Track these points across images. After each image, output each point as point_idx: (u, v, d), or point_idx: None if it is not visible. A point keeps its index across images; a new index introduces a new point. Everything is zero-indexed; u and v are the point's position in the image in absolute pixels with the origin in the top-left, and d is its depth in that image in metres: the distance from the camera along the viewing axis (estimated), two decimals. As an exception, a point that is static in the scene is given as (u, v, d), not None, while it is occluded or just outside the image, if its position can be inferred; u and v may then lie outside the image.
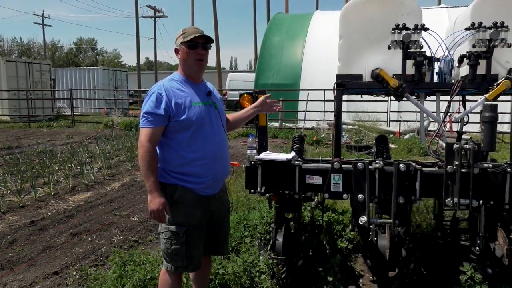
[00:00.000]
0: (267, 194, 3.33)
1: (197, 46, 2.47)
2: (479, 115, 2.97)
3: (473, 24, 3.12)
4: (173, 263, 2.53)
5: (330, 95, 3.50)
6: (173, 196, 2.48)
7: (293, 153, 3.41)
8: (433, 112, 3.42)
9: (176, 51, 2.56)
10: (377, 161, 3.06)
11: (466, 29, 3.15)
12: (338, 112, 3.41)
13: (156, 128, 2.43)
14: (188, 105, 2.46)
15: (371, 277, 3.58)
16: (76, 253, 4.36)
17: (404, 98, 3.32)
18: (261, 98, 2.93)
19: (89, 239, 4.76)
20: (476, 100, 3.27)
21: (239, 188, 5.95)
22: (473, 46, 3.14)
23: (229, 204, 2.90)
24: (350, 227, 3.90)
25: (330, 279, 3.31)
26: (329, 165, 3.11)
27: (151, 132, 2.42)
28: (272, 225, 3.51)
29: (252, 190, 3.24)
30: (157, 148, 2.50)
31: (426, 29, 3.19)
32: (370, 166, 3.01)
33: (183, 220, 2.49)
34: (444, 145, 2.99)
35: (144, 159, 2.39)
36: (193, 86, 2.55)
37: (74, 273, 3.81)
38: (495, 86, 3.09)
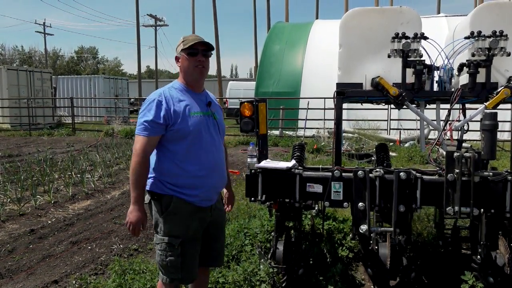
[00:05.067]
0: (267, 203, 3.32)
1: (197, 53, 2.44)
2: (479, 123, 2.98)
3: (472, 33, 3.14)
4: (168, 275, 2.47)
5: (330, 103, 3.51)
6: (169, 207, 2.42)
7: (293, 161, 3.41)
8: (433, 120, 3.42)
9: (177, 59, 2.52)
10: (377, 169, 3.06)
11: (466, 37, 3.17)
12: (338, 120, 3.42)
13: (153, 137, 2.36)
14: (187, 114, 2.41)
15: (372, 286, 3.56)
16: (75, 261, 4.34)
17: (404, 107, 3.33)
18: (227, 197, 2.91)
19: (89, 247, 4.74)
20: (476, 108, 3.28)
21: (240, 196, 5.94)
22: (473, 55, 3.15)
23: (225, 214, 2.82)
24: (350, 235, 3.89)
25: (331, 288, 3.29)
26: (330, 173, 3.10)
27: (147, 141, 2.34)
28: (272, 233, 3.50)
29: (252, 199, 3.23)
30: (154, 157, 2.44)
31: (425, 38, 3.21)
32: (370, 174, 3.00)
33: (179, 232, 2.42)
34: (444, 153, 2.99)
35: (136, 169, 2.33)
36: (193, 95, 2.51)
37: (74, 282, 3.79)
38: (495, 95, 3.10)
